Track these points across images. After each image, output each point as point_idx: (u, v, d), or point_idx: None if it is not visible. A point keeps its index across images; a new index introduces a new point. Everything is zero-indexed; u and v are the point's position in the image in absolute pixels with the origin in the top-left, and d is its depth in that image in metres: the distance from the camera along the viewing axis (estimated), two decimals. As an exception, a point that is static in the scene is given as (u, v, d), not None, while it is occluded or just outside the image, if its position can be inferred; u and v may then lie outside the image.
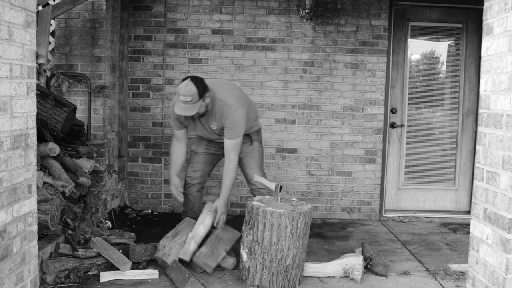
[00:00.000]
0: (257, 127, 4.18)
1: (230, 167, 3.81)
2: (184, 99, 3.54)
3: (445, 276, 3.67)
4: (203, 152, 4.16)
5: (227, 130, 3.76)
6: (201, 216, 3.87)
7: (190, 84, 3.55)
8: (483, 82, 2.53)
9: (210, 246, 3.61)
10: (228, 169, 3.81)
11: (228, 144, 3.78)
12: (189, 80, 3.58)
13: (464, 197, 5.59)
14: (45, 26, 3.99)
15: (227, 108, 3.73)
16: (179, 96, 3.56)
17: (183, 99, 3.54)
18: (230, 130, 3.75)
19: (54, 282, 3.29)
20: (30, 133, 2.58)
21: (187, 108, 3.58)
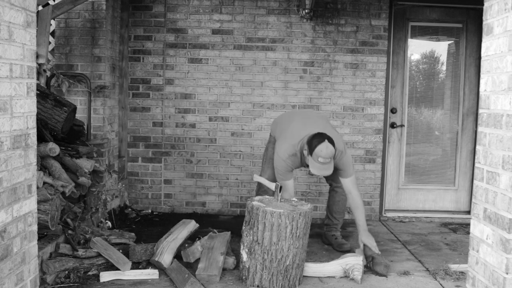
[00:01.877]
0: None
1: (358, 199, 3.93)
2: (324, 160, 3.66)
3: (445, 276, 3.67)
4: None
5: (343, 172, 3.93)
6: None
7: (330, 147, 3.66)
8: (483, 82, 2.53)
9: (205, 259, 3.60)
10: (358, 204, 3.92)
11: (347, 183, 3.95)
12: (328, 142, 3.67)
13: (464, 197, 5.59)
14: (45, 26, 3.99)
15: (338, 153, 3.85)
16: (318, 157, 3.64)
17: (324, 160, 3.66)
18: (346, 170, 3.92)
19: (54, 282, 3.29)
20: (30, 133, 2.57)
21: (326, 168, 3.71)
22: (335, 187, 4.31)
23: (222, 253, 3.63)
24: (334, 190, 4.34)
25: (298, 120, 4.09)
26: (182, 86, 5.41)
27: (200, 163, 5.45)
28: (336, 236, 4.36)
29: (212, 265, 3.50)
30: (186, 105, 5.42)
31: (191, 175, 5.47)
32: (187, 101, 5.42)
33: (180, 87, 5.41)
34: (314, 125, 3.98)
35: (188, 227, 3.97)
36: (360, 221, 3.92)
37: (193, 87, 5.41)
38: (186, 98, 5.41)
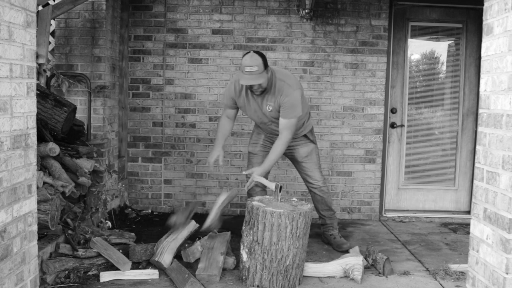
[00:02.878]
0: (311, 126, 4.28)
1: (280, 142, 3.82)
2: (250, 69, 3.60)
3: (445, 276, 3.67)
4: (260, 151, 4.22)
5: (283, 109, 3.77)
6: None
7: (254, 55, 3.65)
8: (483, 82, 2.53)
9: (205, 259, 3.60)
10: (278, 144, 3.82)
11: (283, 123, 3.79)
12: (253, 52, 3.68)
13: (464, 197, 5.59)
14: (45, 26, 3.99)
15: (287, 86, 3.77)
16: (244, 67, 3.62)
17: (249, 69, 3.60)
18: (287, 109, 3.76)
19: (54, 282, 3.29)
20: (30, 133, 2.58)
21: (253, 78, 3.63)
22: (310, 187, 4.28)
23: (222, 253, 3.63)
24: (310, 190, 4.32)
25: None
26: (182, 86, 5.41)
27: (200, 163, 5.45)
28: (334, 236, 4.35)
29: (212, 265, 3.50)
30: (186, 105, 5.42)
31: (191, 175, 5.47)
32: (187, 101, 5.42)
33: (180, 87, 5.41)
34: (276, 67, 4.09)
35: (188, 227, 3.96)
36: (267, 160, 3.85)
37: (193, 87, 5.41)
38: (186, 98, 5.42)
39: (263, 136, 4.23)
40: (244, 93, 3.93)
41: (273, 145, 3.91)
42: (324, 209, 4.36)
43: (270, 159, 3.87)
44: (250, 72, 3.62)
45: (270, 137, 4.18)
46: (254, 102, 3.92)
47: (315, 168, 4.24)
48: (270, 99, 3.84)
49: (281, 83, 3.79)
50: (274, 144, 3.88)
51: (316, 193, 4.29)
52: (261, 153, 4.21)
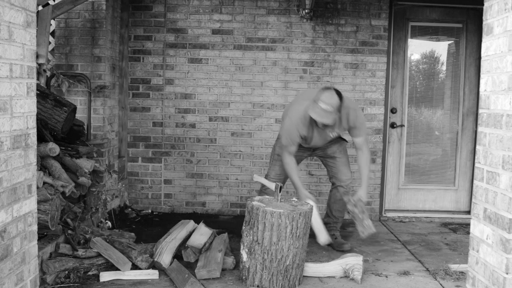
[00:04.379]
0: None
1: (367, 157, 4.09)
2: (325, 107, 3.66)
3: (445, 276, 3.67)
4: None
5: (358, 130, 4.00)
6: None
7: (335, 96, 3.71)
8: (483, 82, 2.53)
9: (203, 257, 3.61)
10: (366, 160, 4.08)
11: (360, 141, 4.06)
12: (334, 92, 3.74)
13: (464, 197, 5.59)
14: (45, 26, 3.99)
15: (352, 111, 3.94)
16: (320, 102, 3.66)
17: (325, 107, 3.66)
18: (361, 129, 4.02)
19: (54, 282, 3.29)
20: (30, 133, 2.57)
21: (325, 116, 3.70)
22: (338, 185, 4.32)
23: (220, 250, 3.64)
24: (336, 188, 4.35)
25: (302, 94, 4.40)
26: (182, 86, 5.41)
27: (200, 163, 5.45)
28: (336, 236, 4.35)
29: (211, 262, 3.51)
30: (186, 105, 5.42)
31: (191, 175, 5.47)
32: (187, 101, 5.42)
33: (180, 87, 5.41)
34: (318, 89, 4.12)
35: (187, 227, 3.97)
36: (365, 177, 4.07)
37: (193, 87, 5.41)
38: (186, 98, 5.42)
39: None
40: (310, 126, 3.95)
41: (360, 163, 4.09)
42: (338, 210, 4.39)
43: (367, 175, 4.09)
44: (324, 110, 3.68)
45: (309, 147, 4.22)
46: (316, 131, 4.00)
47: (347, 164, 4.31)
48: (336, 128, 3.98)
49: (346, 110, 3.90)
50: (363, 161, 4.08)
51: (340, 191, 4.29)
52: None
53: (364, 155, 4.07)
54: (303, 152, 4.25)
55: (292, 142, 3.96)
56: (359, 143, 4.06)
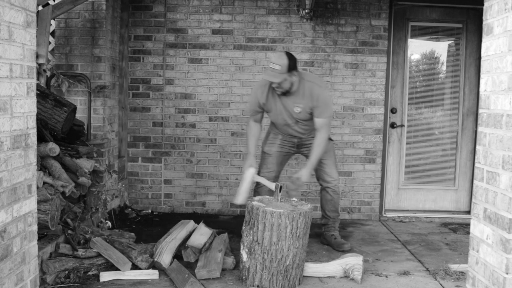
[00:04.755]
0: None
1: (322, 139, 3.96)
2: (273, 66, 3.74)
3: (445, 276, 3.67)
4: (276, 151, 4.22)
5: (318, 109, 3.91)
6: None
7: (283, 56, 3.81)
8: (483, 82, 2.53)
9: (203, 257, 3.62)
10: (320, 141, 3.95)
11: (319, 122, 3.94)
12: (284, 52, 3.88)
13: (464, 197, 5.59)
14: (45, 26, 3.99)
15: (317, 87, 3.93)
16: (269, 63, 3.80)
17: (272, 66, 3.75)
18: (321, 108, 3.91)
19: (54, 282, 3.29)
20: (30, 133, 2.58)
21: (273, 75, 3.76)
22: (325, 187, 4.29)
23: (220, 250, 3.64)
24: (324, 189, 4.32)
25: None
26: (182, 86, 5.41)
27: (200, 163, 5.45)
28: (335, 236, 4.35)
29: (211, 262, 3.52)
30: (186, 105, 5.42)
31: (191, 175, 5.47)
32: (187, 101, 5.42)
33: (180, 87, 5.41)
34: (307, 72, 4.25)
35: (187, 227, 3.97)
36: (313, 159, 3.95)
37: (193, 87, 5.41)
38: (186, 98, 5.42)
39: (280, 136, 4.23)
40: (271, 95, 3.99)
41: (314, 143, 3.98)
42: (331, 210, 4.36)
43: (316, 157, 3.97)
44: (272, 69, 3.76)
45: (289, 138, 4.21)
46: (281, 104, 3.98)
47: (333, 165, 4.27)
48: (298, 101, 3.93)
49: (310, 84, 3.92)
50: (316, 141, 3.96)
51: (328, 192, 4.28)
52: (276, 154, 4.22)
53: (320, 136, 3.95)
54: (289, 148, 4.24)
55: (252, 109, 4.09)
56: (319, 124, 3.94)
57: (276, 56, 3.85)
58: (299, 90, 3.91)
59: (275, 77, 3.76)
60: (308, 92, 3.90)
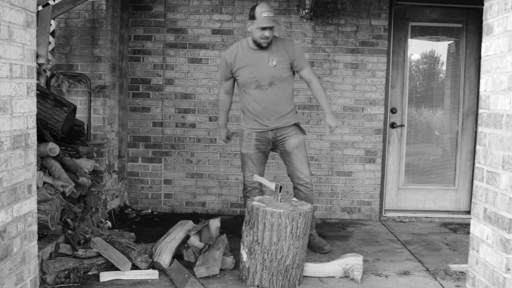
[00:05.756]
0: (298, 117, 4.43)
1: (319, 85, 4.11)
2: (269, 13, 3.86)
3: (445, 276, 3.67)
4: (254, 152, 4.11)
5: (298, 58, 4.04)
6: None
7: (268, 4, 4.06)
8: (483, 82, 2.53)
9: (202, 256, 3.63)
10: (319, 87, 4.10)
11: (306, 72, 4.08)
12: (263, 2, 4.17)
13: (464, 197, 5.59)
14: (45, 26, 3.99)
15: (288, 41, 4.13)
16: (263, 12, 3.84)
17: (269, 13, 3.86)
18: (300, 59, 4.06)
19: (54, 282, 3.29)
20: (30, 133, 2.58)
21: (273, 20, 3.88)
22: (298, 183, 4.09)
23: (218, 248, 3.65)
24: (296, 187, 4.12)
25: None
26: (182, 86, 5.41)
27: (200, 163, 5.45)
28: (314, 236, 4.20)
29: (209, 260, 3.53)
30: (186, 105, 5.42)
31: (191, 175, 5.47)
32: (187, 101, 5.42)
33: (180, 87, 5.41)
34: None
35: (186, 227, 3.98)
36: (324, 104, 4.07)
37: (193, 87, 5.41)
38: (186, 98, 5.42)
39: (254, 135, 4.08)
40: (242, 54, 4.01)
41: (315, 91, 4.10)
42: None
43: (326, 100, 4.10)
44: (269, 16, 3.86)
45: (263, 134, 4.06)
46: (253, 59, 3.98)
47: (304, 161, 4.09)
48: (273, 54, 3.97)
49: (281, 39, 4.11)
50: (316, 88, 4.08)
51: (301, 190, 4.09)
52: (255, 155, 4.12)
53: (316, 84, 4.08)
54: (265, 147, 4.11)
55: (222, 74, 4.15)
56: (306, 75, 4.07)
57: (265, 5, 3.91)
58: (272, 44, 3.98)
59: (275, 21, 3.89)
60: (281, 46, 3.99)
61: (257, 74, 3.97)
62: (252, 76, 3.98)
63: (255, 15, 3.86)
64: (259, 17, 3.84)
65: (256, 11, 3.88)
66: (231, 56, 4.03)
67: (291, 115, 4.09)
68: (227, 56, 4.06)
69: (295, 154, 4.06)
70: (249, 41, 4.01)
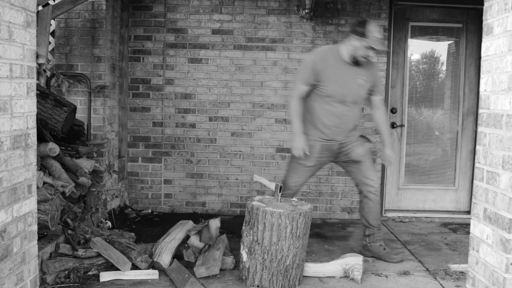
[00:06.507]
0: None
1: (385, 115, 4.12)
2: (380, 36, 3.78)
3: (445, 276, 3.67)
4: (313, 164, 3.92)
5: (377, 86, 4.02)
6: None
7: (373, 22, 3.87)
8: (483, 82, 2.53)
9: (202, 257, 3.64)
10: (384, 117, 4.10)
11: (378, 99, 4.05)
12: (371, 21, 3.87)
13: (464, 197, 5.59)
14: (45, 26, 3.99)
15: (375, 65, 4.11)
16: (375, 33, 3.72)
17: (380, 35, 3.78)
18: (379, 86, 4.06)
19: (54, 282, 3.29)
20: (30, 133, 2.58)
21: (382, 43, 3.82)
22: (368, 192, 4.01)
23: (218, 248, 3.65)
24: (366, 197, 4.02)
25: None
26: (182, 86, 5.41)
27: (200, 163, 5.45)
28: (384, 246, 4.07)
29: (209, 260, 3.53)
30: (186, 105, 5.42)
31: (191, 175, 5.47)
32: (187, 101, 5.42)
33: (180, 87, 5.41)
34: None
35: (186, 227, 3.98)
36: (387, 134, 4.08)
37: (193, 87, 5.41)
38: (186, 98, 5.42)
39: (318, 146, 3.88)
40: (333, 63, 3.79)
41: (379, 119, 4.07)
42: (375, 218, 4.05)
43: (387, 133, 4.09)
44: (381, 39, 3.78)
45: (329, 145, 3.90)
46: (346, 73, 3.80)
47: (373, 168, 4.10)
48: (362, 73, 3.85)
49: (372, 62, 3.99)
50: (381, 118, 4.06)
51: (371, 198, 4.00)
52: (312, 167, 3.93)
53: (383, 112, 4.06)
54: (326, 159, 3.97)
55: (305, 78, 3.78)
56: (378, 101, 4.04)
57: (376, 26, 3.76)
58: (365, 64, 3.85)
59: (383, 45, 3.83)
60: (369, 67, 3.91)
61: (346, 90, 3.80)
62: (340, 90, 3.79)
63: (366, 33, 3.67)
64: (371, 37, 3.67)
65: (367, 29, 3.69)
66: (322, 62, 3.77)
67: (357, 129, 4.09)
68: (317, 61, 3.78)
69: (364, 162, 4.00)
70: (342, 52, 3.80)
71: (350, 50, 3.77)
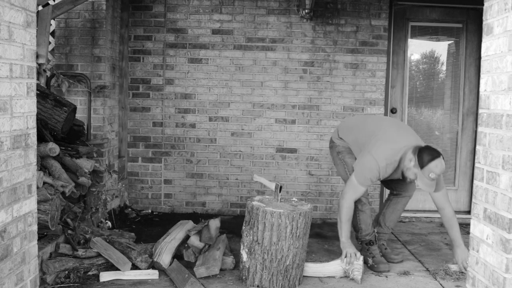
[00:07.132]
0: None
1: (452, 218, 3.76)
2: (435, 177, 3.48)
3: (445, 276, 3.67)
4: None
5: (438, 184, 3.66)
6: None
7: (443, 164, 3.51)
8: (483, 82, 2.53)
9: (202, 256, 3.64)
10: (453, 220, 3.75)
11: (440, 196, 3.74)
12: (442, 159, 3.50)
13: (464, 197, 5.59)
14: (45, 26, 3.99)
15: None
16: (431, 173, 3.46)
17: (435, 177, 3.48)
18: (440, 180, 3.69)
19: (54, 282, 3.29)
20: (30, 133, 2.58)
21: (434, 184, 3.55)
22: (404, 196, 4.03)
23: (218, 248, 3.65)
24: (397, 197, 4.04)
25: (390, 126, 3.83)
26: (182, 86, 5.41)
27: (200, 163, 5.45)
28: (386, 246, 4.10)
29: (209, 260, 3.53)
30: (186, 105, 5.42)
31: (191, 175, 5.47)
32: (187, 101, 5.42)
33: (180, 87, 5.41)
34: (411, 134, 3.77)
35: (186, 227, 3.98)
36: (457, 237, 3.74)
37: (193, 87, 5.41)
38: (186, 98, 5.42)
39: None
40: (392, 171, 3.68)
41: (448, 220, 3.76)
42: (393, 221, 4.11)
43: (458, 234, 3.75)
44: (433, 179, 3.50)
45: None
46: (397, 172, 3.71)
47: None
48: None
49: None
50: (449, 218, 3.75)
51: (402, 202, 4.04)
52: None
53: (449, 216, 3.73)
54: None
55: (369, 181, 3.66)
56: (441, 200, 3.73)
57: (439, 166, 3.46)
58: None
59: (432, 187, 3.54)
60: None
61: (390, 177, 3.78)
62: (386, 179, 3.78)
63: (425, 166, 3.44)
64: (426, 174, 3.46)
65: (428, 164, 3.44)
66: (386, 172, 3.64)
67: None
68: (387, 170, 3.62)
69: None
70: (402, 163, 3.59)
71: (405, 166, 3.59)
